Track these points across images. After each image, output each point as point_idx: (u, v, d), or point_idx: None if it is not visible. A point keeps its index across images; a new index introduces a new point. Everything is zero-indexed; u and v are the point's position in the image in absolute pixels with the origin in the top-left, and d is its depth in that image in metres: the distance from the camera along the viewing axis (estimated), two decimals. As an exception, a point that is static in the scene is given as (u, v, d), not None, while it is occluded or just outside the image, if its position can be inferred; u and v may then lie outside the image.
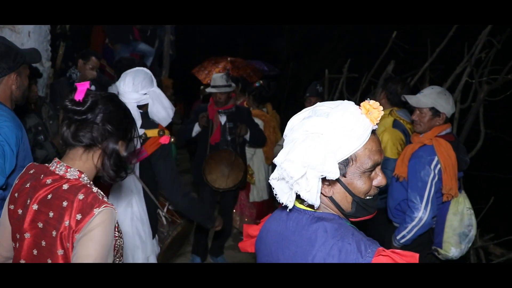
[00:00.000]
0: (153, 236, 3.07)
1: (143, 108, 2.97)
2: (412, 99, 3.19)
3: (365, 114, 1.32)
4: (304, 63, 11.80)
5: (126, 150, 1.74)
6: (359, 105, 1.33)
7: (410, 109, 3.44)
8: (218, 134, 4.63)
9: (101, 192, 1.62)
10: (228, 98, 4.62)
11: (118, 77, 3.38)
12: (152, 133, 2.91)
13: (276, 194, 1.33)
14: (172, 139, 3.00)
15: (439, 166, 3.00)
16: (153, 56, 7.59)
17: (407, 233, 3.14)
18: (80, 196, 1.55)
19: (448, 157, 2.97)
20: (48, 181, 1.61)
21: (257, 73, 7.95)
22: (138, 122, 2.87)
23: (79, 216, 1.52)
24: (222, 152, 4.58)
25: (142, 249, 2.92)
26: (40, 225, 1.58)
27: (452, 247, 3.09)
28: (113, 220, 1.58)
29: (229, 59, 7.87)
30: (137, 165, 2.89)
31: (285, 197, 1.31)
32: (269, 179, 1.33)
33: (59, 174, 1.62)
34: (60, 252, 1.54)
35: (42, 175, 1.63)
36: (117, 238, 1.66)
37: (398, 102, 3.73)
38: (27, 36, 4.32)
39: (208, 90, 4.66)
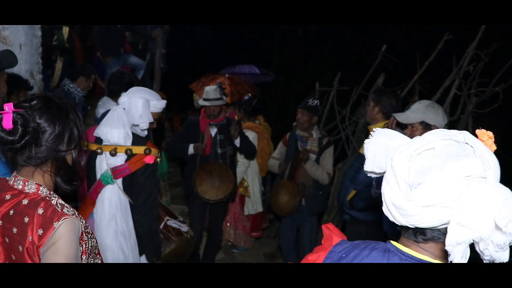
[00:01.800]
0: (142, 253, 3.03)
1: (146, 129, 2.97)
2: (400, 117, 3.21)
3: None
4: (294, 77, 11.90)
5: (74, 156, 1.67)
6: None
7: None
8: (209, 146, 4.64)
9: (61, 203, 1.60)
10: (220, 111, 4.64)
11: (109, 90, 3.37)
12: (138, 150, 2.85)
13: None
14: (158, 160, 2.92)
15: None
16: (144, 69, 7.60)
17: None
18: (40, 211, 1.53)
19: None
20: (8, 196, 1.59)
21: (254, 89, 8.03)
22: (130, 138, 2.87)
23: (40, 231, 1.51)
24: (213, 164, 4.58)
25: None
26: (7, 240, 1.57)
27: None
28: (74, 230, 1.55)
29: (227, 75, 7.92)
30: (120, 180, 2.85)
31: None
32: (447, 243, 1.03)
33: (18, 189, 1.60)
34: None
35: (1, 191, 1.62)
36: (85, 241, 1.65)
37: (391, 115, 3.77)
38: (19, 49, 4.31)
39: (201, 103, 4.67)
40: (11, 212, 1.56)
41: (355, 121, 5.72)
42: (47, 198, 1.59)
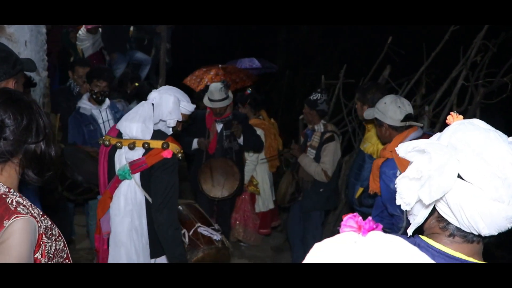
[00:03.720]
0: (158, 255, 2.96)
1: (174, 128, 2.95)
2: (366, 112, 3.32)
3: None
4: (299, 71, 11.83)
5: (43, 147, 1.62)
6: None
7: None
8: (215, 143, 4.63)
9: (18, 201, 1.54)
10: (226, 109, 4.63)
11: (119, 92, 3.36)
12: (155, 144, 2.81)
13: None
14: (179, 155, 2.85)
15: None
16: (150, 64, 7.60)
17: None
18: None
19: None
20: None
21: (250, 78, 7.93)
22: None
23: None
24: (218, 160, 4.58)
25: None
26: None
27: None
28: (28, 229, 1.48)
29: (220, 66, 7.86)
30: (138, 176, 2.84)
31: None
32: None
33: None
34: None
35: None
36: (45, 243, 1.58)
37: None
38: (24, 46, 4.31)
39: (206, 103, 4.64)
40: None
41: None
42: (3, 196, 1.53)
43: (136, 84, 5.15)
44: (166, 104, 2.86)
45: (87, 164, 4.01)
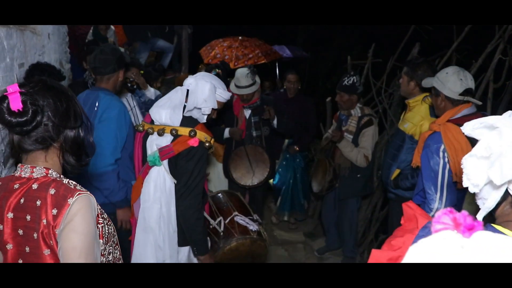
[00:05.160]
0: (183, 244, 2.91)
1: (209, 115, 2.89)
2: (424, 81, 3.18)
3: None
4: (320, 52, 11.66)
5: (81, 133, 1.64)
6: None
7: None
8: (244, 129, 4.54)
9: (73, 182, 1.59)
10: (254, 94, 4.53)
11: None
12: (183, 131, 2.72)
13: None
14: (206, 145, 2.73)
15: (446, 153, 2.84)
16: (172, 52, 7.52)
17: None
18: (52, 191, 1.52)
19: (457, 142, 2.78)
20: (16, 186, 1.56)
21: (268, 56, 7.41)
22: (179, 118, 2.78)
23: (55, 211, 1.49)
24: (248, 147, 4.48)
25: (161, 251, 2.84)
26: (21, 231, 1.53)
27: None
28: (91, 206, 1.55)
29: (240, 38, 7.45)
30: (166, 162, 2.77)
31: None
32: None
33: (25, 177, 1.57)
34: (46, 252, 1.51)
35: (9, 183, 1.58)
36: (102, 225, 1.62)
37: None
38: (47, 38, 4.28)
39: (233, 90, 4.54)
40: (22, 200, 1.53)
41: (391, 94, 5.54)
42: (58, 179, 1.56)
43: (141, 72, 5.03)
44: (202, 91, 2.78)
45: None
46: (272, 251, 5.07)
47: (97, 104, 3.17)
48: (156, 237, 2.82)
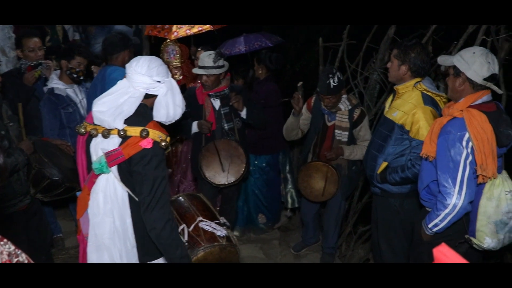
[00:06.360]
0: (152, 258, 2.55)
1: (148, 101, 2.46)
2: (440, 58, 2.87)
3: None
4: (289, 35, 11.31)
5: None
6: None
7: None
8: (213, 122, 4.12)
9: None
10: (217, 81, 4.07)
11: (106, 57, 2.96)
12: (133, 131, 2.31)
13: None
14: (163, 144, 2.34)
15: (471, 142, 2.57)
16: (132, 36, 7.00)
17: (440, 221, 2.74)
18: None
19: (483, 131, 2.53)
20: None
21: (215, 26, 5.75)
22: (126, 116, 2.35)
23: None
24: (220, 142, 4.06)
25: None
26: None
27: (487, 237, 2.65)
28: None
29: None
30: (115, 169, 2.35)
31: None
32: None
33: None
34: None
35: None
36: None
37: (423, 72, 3.28)
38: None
39: (196, 71, 4.11)
40: None
41: (366, 77, 5.23)
42: None
43: (92, 64, 4.54)
44: (163, 108, 2.44)
45: (61, 159, 3.53)
46: (246, 250, 4.75)
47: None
48: (112, 255, 2.41)
